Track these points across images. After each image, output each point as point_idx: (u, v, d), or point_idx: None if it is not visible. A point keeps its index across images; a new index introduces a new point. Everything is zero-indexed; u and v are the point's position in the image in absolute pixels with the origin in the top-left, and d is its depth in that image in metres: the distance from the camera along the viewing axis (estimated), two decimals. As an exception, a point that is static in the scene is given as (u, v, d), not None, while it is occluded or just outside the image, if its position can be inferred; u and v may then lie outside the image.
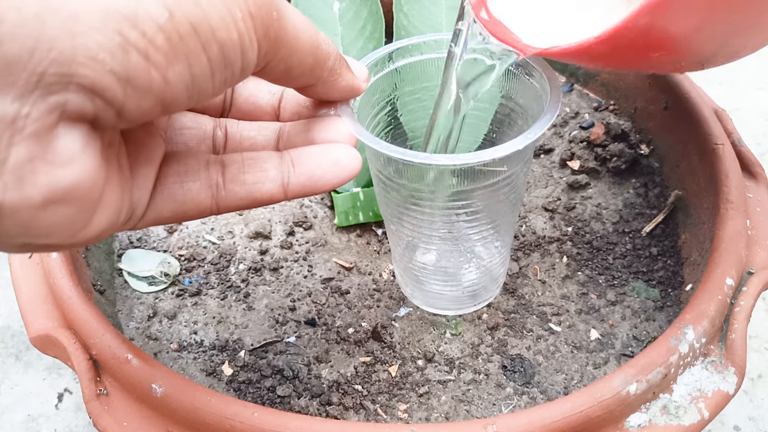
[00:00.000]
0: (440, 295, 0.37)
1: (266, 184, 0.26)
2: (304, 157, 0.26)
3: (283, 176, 0.26)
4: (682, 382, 0.29)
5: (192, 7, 0.18)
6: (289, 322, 0.38)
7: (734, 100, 0.66)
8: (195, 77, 0.19)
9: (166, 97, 0.19)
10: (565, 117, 0.49)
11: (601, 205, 0.43)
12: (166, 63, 0.18)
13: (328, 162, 0.26)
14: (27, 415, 0.45)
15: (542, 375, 0.35)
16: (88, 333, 0.31)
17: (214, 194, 0.25)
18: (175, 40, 0.18)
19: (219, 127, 0.28)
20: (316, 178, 0.26)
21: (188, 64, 0.18)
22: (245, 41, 0.20)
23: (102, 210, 0.20)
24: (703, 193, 0.39)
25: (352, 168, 0.26)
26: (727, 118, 0.40)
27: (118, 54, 0.17)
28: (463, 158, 0.26)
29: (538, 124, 0.27)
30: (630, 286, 0.39)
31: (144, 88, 0.18)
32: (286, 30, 0.22)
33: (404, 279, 0.38)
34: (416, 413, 0.33)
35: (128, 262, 0.41)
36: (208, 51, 0.19)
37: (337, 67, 0.25)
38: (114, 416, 0.29)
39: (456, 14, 0.30)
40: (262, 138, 0.28)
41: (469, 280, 0.35)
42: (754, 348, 0.47)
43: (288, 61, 0.23)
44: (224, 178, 0.25)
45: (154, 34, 0.17)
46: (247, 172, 0.26)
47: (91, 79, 0.17)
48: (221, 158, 0.26)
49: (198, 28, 0.18)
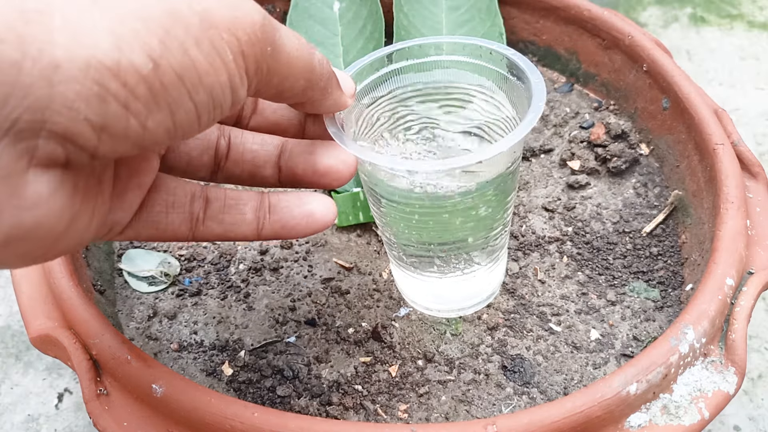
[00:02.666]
0: (437, 297, 0.37)
1: (242, 226, 0.27)
2: (281, 204, 0.27)
3: (259, 221, 0.27)
4: (682, 382, 0.29)
5: (179, 56, 0.18)
6: (289, 322, 0.38)
7: (734, 100, 0.66)
8: (178, 122, 0.19)
9: (145, 142, 0.18)
10: (565, 117, 0.49)
11: (601, 205, 0.43)
12: (146, 111, 0.18)
13: (302, 214, 0.27)
14: (27, 415, 0.45)
15: (542, 375, 0.35)
16: (88, 333, 0.31)
17: (193, 227, 0.26)
18: (158, 90, 0.18)
19: (223, 137, 0.29)
20: (288, 228, 0.27)
21: (170, 112, 0.18)
22: (235, 81, 0.20)
23: (67, 239, 0.20)
24: (703, 193, 0.39)
25: (325, 221, 0.27)
26: (727, 118, 0.40)
27: (95, 103, 0.17)
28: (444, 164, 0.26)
29: (516, 131, 0.27)
30: (630, 286, 0.39)
31: (120, 135, 0.18)
32: (280, 62, 0.22)
33: (399, 281, 0.38)
34: (416, 413, 0.33)
35: (128, 262, 0.41)
36: (194, 97, 0.19)
37: (328, 87, 0.26)
38: (114, 416, 0.29)
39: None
40: (264, 153, 0.29)
41: (464, 282, 0.35)
42: (754, 348, 0.47)
43: (279, 86, 0.23)
44: (205, 215, 0.26)
45: (135, 84, 0.17)
46: (227, 213, 0.27)
47: (63, 126, 0.16)
48: (206, 193, 0.27)
49: (184, 76, 0.18)
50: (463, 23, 0.49)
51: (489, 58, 0.32)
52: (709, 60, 0.71)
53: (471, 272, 0.34)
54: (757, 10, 0.77)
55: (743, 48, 0.72)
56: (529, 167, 0.46)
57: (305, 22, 0.49)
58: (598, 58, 0.49)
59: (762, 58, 0.70)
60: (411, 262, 0.34)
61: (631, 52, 0.46)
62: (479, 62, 0.32)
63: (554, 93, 0.51)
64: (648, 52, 0.45)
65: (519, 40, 0.53)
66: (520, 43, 0.53)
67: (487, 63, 0.32)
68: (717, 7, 0.78)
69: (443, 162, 0.26)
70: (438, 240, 0.32)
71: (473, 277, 0.35)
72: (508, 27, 0.51)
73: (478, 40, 0.32)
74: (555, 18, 0.51)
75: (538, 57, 0.53)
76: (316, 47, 0.25)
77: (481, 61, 0.32)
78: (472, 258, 0.33)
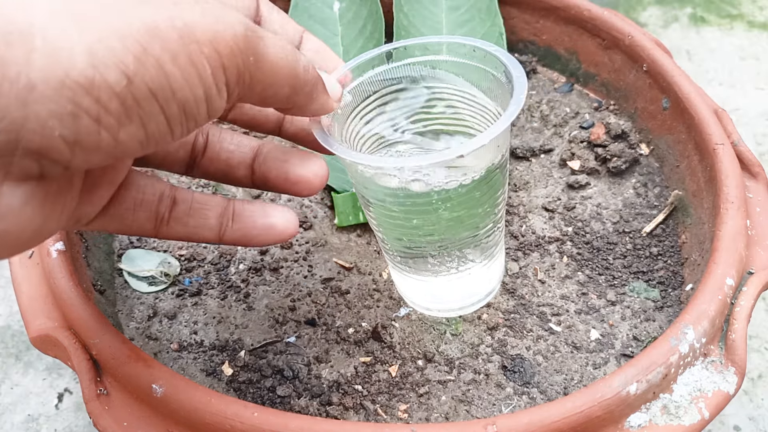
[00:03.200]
0: (434, 296, 0.37)
1: (204, 231, 0.28)
2: (245, 213, 0.28)
3: (222, 227, 0.28)
4: (682, 382, 0.29)
5: (153, 72, 0.18)
6: (289, 322, 0.38)
7: (734, 100, 0.66)
8: (150, 134, 0.19)
9: (117, 153, 0.19)
10: (565, 117, 0.49)
11: (601, 205, 0.43)
12: (117, 125, 0.18)
13: (264, 226, 0.28)
14: (27, 415, 0.45)
15: (542, 375, 0.35)
16: (88, 333, 0.31)
17: (157, 226, 0.27)
18: (130, 104, 0.18)
19: (201, 134, 0.29)
20: (249, 237, 0.28)
21: (142, 125, 0.19)
22: (212, 94, 0.20)
23: (33, 239, 0.20)
24: (703, 193, 0.39)
25: (286, 234, 0.28)
26: (727, 118, 0.40)
27: (68, 120, 0.17)
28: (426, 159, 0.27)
29: (497, 124, 0.27)
30: (630, 286, 0.39)
31: (92, 148, 0.18)
32: (263, 71, 0.22)
33: (398, 282, 0.38)
34: (416, 413, 0.33)
35: (128, 262, 0.41)
36: (166, 111, 0.19)
37: (314, 93, 0.26)
38: (114, 416, 0.29)
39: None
40: (239, 154, 0.29)
41: (460, 281, 0.35)
42: (754, 348, 0.47)
43: (263, 94, 0.23)
44: (170, 216, 0.27)
45: (108, 100, 0.18)
46: (191, 216, 0.28)
47: (38, 143, 0.17)
48: (174, 194, 0.27)
49: (157, 92, 0.19)
50: (463, 23, 0.49)
51: (472, 56, 0.32)
52: (709, 60, 0.71)
53: (466, 270, 0.34)
54: (757, 10, 0.77)
55: (743, 48, 0.72)
56: (529, 167, 0.46)
57: (305, 22, 0.49)
58: (598, 58, 0.49)
59: (762, 58, 0.70)
60: (405, 262, 0.34)
61: (631, 52, 0.46)
62: (464, 61, 0.32)
63: (554, 93, 0.51)
64: (648, 52, 0.45)
65: (519, 40, 0.53)
66: (520, 43, 0.53)
67: (471, 60, 0.32)
68: (717, 7, 0.78)
69: (425, 158, 0.27)
70: (429, 238, 0.32)
71: (468, 275, 0.35)
72: (508, 27, 0.51)
73: (462, 39, 0.32)
74: (555, 18, 0.51)
75: (538, 57, 0.53)
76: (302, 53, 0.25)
77: (466, 60, 0.32)
78: (466, 255, 0.33)
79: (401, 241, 0.33)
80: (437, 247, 0.32)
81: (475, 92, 0.33)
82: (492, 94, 0.32)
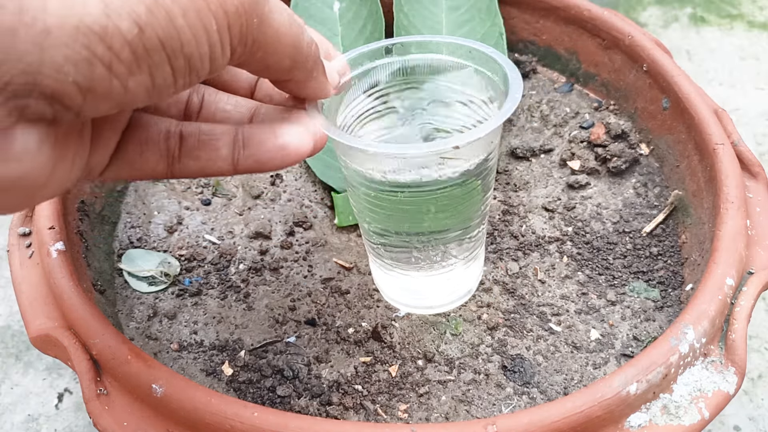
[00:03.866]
0: (414, 293, 0.37)
1: (217, 162, 0.27)
2: (255, 138, 0.27)
3: (234, 156, 0.27)
4: (682, 382, 0.29)
5: (164, 23, 0.19)
6: (289, 322, 0.38)
7: (734, 100, 0.66)
8: (156, 84, 0.20)
9: (126, 101, 0.20)
10: (565, 117, 0.49)
11: (601, 205, 0.43)
12: (128, 73, 0.19)
13: (276, 147, 0.27)
14: (27, 415, 0.45)
15: (542, 375, 0.35)
16: (88, 333, 0.31)
17: (170, 164, 0.27)
18: (141, 53, 0.19)
19: (197, 93, 0.29)
20: (262, 162, 0.27)
21: (150, 75, 0.19)
22: (216, 51, 0.21)
23: (50, 186, 0.21)
24: (703, 193, 0.39)
25: (299, 153, 0.27)
26: (727, 118, 0.40)
27: (83, 66, 0.18)
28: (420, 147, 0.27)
29: (492, 119, 0.27)
30: (630, 286, 0.39)
31: (103, 95, 0.19)
32: (266, 35, 0.22)
33: (377, 278, 0.38)
34: (416, 413, 0.33)
35: (128, 262, 0.41)
36: (173, 62, 0.20)
37: (314, 70, 0.26)
38: (114, 416, 0.29)
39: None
40: (236, 114, 0.29)
41: (440, 277, 0.35)
42: (754, 348, 0.47)
43: (264, 61, 0.23)
44: (180, 152, 0.27)
45: (120, 48, 0.18)
46: (202, 149, 0.27)
47: (52, 88, 0.18)
48: (180, 129, 0.27)
49: (166, 43, 0.19)
50: (463, 23, 0.49)
51: (469, 57, 0.32)
52: (709, 60, 0.71)
53: (449, 266, 0.34)
54: (757, 10, 0.77)
55: (743, 48, 0.72)
56: (529, 167, 0.46)
57: (305, 22, 0.49)
58: (598, 58, 0.49)
59: (762, 58, 0.70)
60: (389, 256, 0.34)
61: (631, 52, 0.46)
62: (461, 61, 0.32)
63: (554, 93, 0.51)
64: (648, 52, 0.45)
65: (519, 40, 0.53)
66: (520, 43, 0.53)
67: (468, 61, 0.32)
68: (717, 7, 0.78)
69: (419, 146, 0.27)
70: (415, 230, 0.32)
71: (450, 271, 0.35)
72: (508, 27, 0.51)
73: (459, 40, 0.32)
74: (555, 18, 0.51)
75: (538, 57, 0.53)
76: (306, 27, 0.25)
77: (462, 60, 0.32)
78: (449, 251, 0.33)
79: (387, 231, 0.33)
80: (422, 239, 0.33)
81: (472, 92, 0.33)
82: (489, 94, 0.32)
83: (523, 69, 0.52)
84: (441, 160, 0.29)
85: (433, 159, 0.28)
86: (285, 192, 0.45)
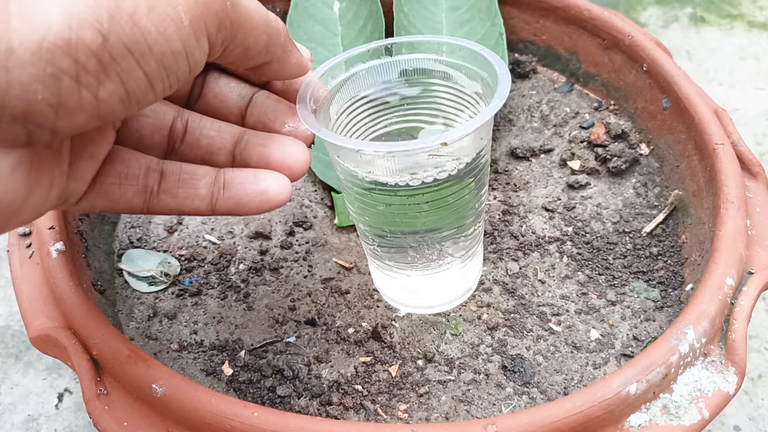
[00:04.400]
0: (412, 292, 0.37)
1: (195, 201, 0.27)
2: (236, 181, 0.27)
3: (213, 196, 0.27)
4: (682, 382, 0.29)
5: (128, 29, 0.19)
6: (289, 322, 0.38)
7: (734, 100, 0.66)
8: (130, 91, 0.20)
9: (100, 112, 0.19)
10: (565, 117, 0.49)
11: (601, 205, 0.43)
12: (96, 83, 0.19)
13: (256, 192, 0.27)
14: (27, 415, 0.45)
15: (542, 375, 0.35)
16: (88, 333, 0.31)
17: (147, 200, 0.27)
18: (107, 62, 0.19)
19: (180, 119, 0.29)
20: (241, 205, 0.27)
21: (121, 82, 0.19)
22: (191, 46, 0.21)
23: (25, 211, 0.20)
24: (703, 193, 0.39)
25: (278, 199, 0.27)
26: (727, 118, 0.40)
27: (50, 82, 0.18)
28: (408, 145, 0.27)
29: (481, 115, 0.27)
30: (630, 286, 0.39)
31: (75, 108, 0.19)
32: (240, 14, 0.23)
33: (377, 279, 0.38)
34: (416, 413, 0.33)
35: (128, 262, 0.41)
36: (144, 66, 0.19)
37: (288, 44, 0.26)
38: (114, 416, 0.29)
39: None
40: (219, 140, 0.29)
41: (437, 276, 0.35)
42: (754, 348, 0.47)
43: (245, 42, 0.24)
44: (159, 188, 0.27)
45: (86, 59, 0.18)
46: (181, 187, 0.27)
47: (22, 108, 0.17)
48: (161, 167, 0.27)
49: (132, 47, 0.19)
50: (463, 23, 0.49)
51: (459, 55, 0.32)
52: (709, 60, 0.71)
53: (446, 264, 0.34)
54: (757, 10, 0.77)
55: (743, 48, 0.72)
56: (529, 167, 0.46)
57: (305, 22, 0.49)
58: (598, 58, 0.49)
59: (762, 58, 0.70)
60: (386, 256, 0.34)
61: (631, 52, 0.46)
62: (453, 60, 0.32)
63: (554, 93, 0.51)
64: (648, 52, 0.45)
65: (519, 40, 0.53)
66: (520, 43, 0.53)
67: (459, 60, 0.32)
68: (717, 7, 0.78)
69: (408, 143, 0.27)
70: (410, 229, 0.32)
71: (448, 269, 0.35)
72: (508, 27, 0.51)
73: (448, 38, 0.32)
74: (555, 18, 0.51)
75: (538, 57, 0.53)
76: None
77: (454, 59, 0.32)
78: (445, 249, 0.34)
79: (382, 231, 0.33)
80: (417, 239, 0.33)
81: (464, 91, 0.33)
82: (479, 92, 0.32)
83: (523, 69, 0.52)
84: (431, 157, 0.29)
85: (424, 157, 0.28)
86: (285, 192, 0.45)
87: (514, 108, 0.50)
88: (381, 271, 0.36)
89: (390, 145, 0.27)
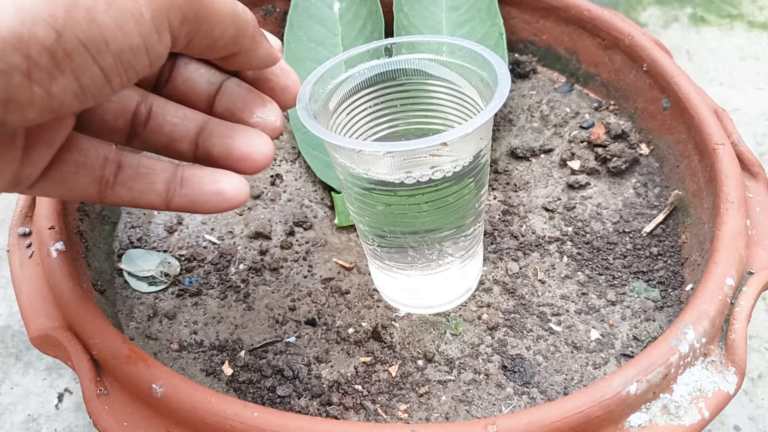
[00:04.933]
0: (413, 292, 0.37)
1: (151, 195, 0.27)
2: (194, 179, 0.27)
3: (169, 192, 0.27)
4: (682, 382, 0.29)
5: (85, 24, 0.18)
6: (289, 322, 0.38)
7: (734, 100, 0.66)
8: (85, 86, 0.19)
9: (53, 107, 0.19)
10: (565, 117, 0.49)
11: (601, 205, 0.43)
12: (49, 79, 0.18)
13: (212, 191, 0.27)
14: (27, 415, 0.45)
15: (542, 375, 0.35)
16: (88, 333, 0.31)
17: (101, 190, 0.26)
18: (60, 58, 0.18)
19: (144, 104, 0.28)
20: (197, 203, 0.27)
21: (75, 78, 0.19)
22: (151, 40, 0.20)
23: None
24: (703, 193, 0.39)
25: (235, 201, 0.27)
26: (727, 118, 0.40)
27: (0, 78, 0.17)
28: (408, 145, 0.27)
29: (480, 115, 0.27)
30: (630, 286, 0.39)
31: (25, 103, 0.18)
32: (206, 6, 0.22)
33: (377, 279, 0.38)
34: (416, 413, 0.33)
35: (128, 262, 0.41)
36: (100, 62, 0.19)
37: (257, 35, 0.26)
38: (114, 416, 0.29)
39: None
40: (183, 127, 0.28)
41: (437, 276, 0.35)
42: (754, 348, 0.47)
43: (210, 35, 0.23)
44: (116, 180, 0.26)
45: (38, 55, 0.18)
46: (138, 181, 0.26)
47: None
48: (120, 158, 0.26)
49: (88, 43, 0.19)
50: (463, 23, 0.49)
51: (459, 56, 0.32)
52: (709, 60, 0.71)
53: (446, 264, 0.34)
54: (757, 10, 0.77)
55: (743, 48, 0.72)
56: (529, 167, 0.46)
57: (305, 22, 0.49)
58: (598, 58, 0.49)
59: (762, 58, 0.70)
60: (386, 256, 0.34)
61: (631, 52, 0.46)
62: (453, 60, 0.32)
63: (554, 93, 0.51)
64: (648, 52, 0.45)
65: (519, 40, 0.53)
66: (520, 43, 0.53)
67: (458, 60, 0.32)
68: (717, 7, 0.78)
69: (408, 143, 0.27)
70: (409, 229, 0.32)
71: (447, 269, 0.35)
72: (508, 27, 0.51)
73: (448, 39, 0.32)
74: (555, 18, 0.51)
75: (538, 57, 0.53)
76: None
77: (453, 59, 0.32)
78: (445, 249, 0.34)
79: (382, 231, 0.33)
80: (417, 239, 0.33)
81: (463, 91, 0.33)
82: (479, 92, 0.32)
83: (523, 69, 0.52)
84: (431, 157, 0.29)
85: (423, 157, 0.28)
86: (285, 192, 0.45)
87: (514, 108, 0.50)
88: (381, 271, 0.36)
89: (389, 145, 0.27)
